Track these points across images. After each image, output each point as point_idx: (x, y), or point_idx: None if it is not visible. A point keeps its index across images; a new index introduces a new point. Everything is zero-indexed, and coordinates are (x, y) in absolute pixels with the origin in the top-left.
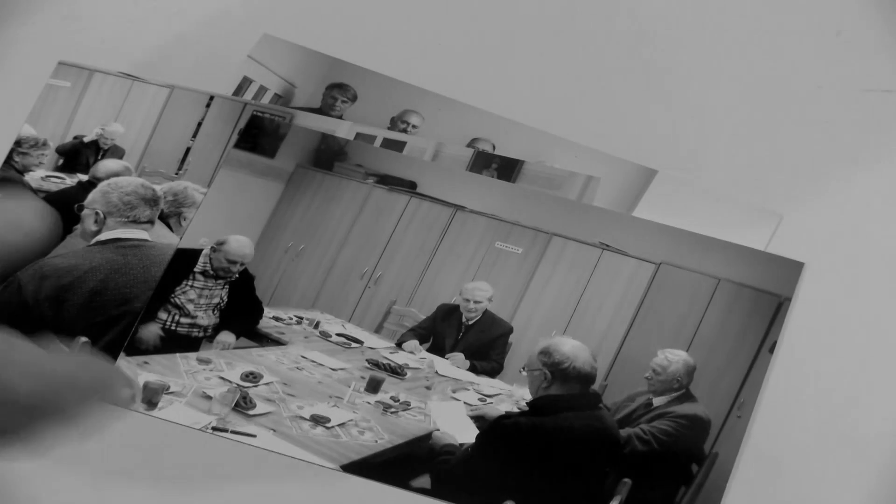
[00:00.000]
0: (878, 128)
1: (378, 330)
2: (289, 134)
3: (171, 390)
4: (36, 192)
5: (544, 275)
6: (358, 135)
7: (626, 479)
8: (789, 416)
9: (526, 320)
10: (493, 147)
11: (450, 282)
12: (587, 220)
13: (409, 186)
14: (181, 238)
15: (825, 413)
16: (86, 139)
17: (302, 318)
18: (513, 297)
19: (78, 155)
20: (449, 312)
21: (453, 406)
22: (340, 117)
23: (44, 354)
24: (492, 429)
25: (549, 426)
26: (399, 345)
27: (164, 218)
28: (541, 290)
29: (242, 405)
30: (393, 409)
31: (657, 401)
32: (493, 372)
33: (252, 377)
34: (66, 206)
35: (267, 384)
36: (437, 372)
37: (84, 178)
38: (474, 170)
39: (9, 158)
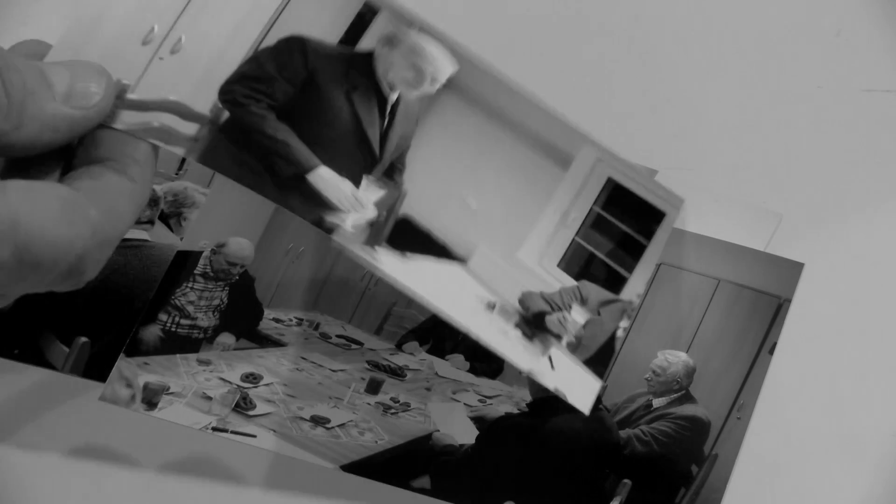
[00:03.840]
0: (878, 128)
1: (378, 332)
2: None
3: (171, 391)
4: None
5: None
6: None
7: (626, 480)
8: (789, 417)
9: None
10: None
11: None
12: None
13: None
14: (182, 239)
15: (825, 414)
16: None
17: (302, 320)
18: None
19: None
20: None
21: (453, 407)
22: None
23: None
24: (492, 430)
25: (549, 427)
26: (399, 346)
27: (164, 218)
28: None
29: (242, 406)
30: (393, 410)
31: (657, 402)
32: (494, 373)
33: (252, 378)
34: None
35: (267, 385)
36: (437, 373)
37: None
38: None
39: None
